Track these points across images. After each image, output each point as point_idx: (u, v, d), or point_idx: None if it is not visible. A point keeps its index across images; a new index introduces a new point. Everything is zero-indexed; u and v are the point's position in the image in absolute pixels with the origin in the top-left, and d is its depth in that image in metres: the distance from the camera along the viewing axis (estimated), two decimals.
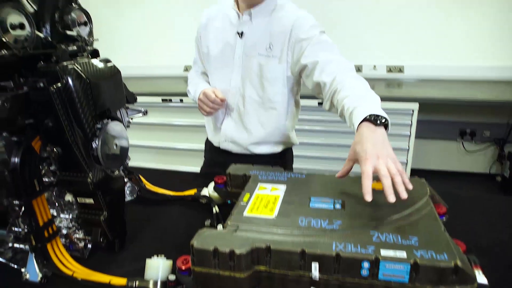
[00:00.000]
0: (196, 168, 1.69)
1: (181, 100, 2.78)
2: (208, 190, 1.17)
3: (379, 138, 0.88)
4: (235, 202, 0.89)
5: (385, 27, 3.12)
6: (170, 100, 2.84)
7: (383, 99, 2.52)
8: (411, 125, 2.57)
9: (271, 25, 1.31)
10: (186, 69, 3.58)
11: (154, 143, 3.06)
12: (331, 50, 1.23)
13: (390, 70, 3.16)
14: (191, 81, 1.55)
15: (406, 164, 2.66)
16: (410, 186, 0.80)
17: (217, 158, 1.54)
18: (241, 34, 1.34)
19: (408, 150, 2.63)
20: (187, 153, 2.90)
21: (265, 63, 1.32)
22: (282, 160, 1.50)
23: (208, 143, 1.61)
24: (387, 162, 0.81)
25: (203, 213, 1.12)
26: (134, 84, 3.53)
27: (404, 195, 0.77)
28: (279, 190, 0.92)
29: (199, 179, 1.37)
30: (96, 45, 0.99)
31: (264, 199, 0.87)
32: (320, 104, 2.57)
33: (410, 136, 2.60)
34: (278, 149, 1.47)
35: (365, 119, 0.91)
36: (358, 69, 3.21)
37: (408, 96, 2.54)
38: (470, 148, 3.29)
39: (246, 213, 0.81)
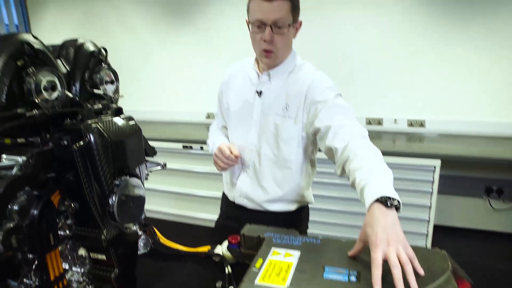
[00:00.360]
0: (213, 216, 1.68)
1: (202, 148, 2.82)
2: (222, 249, 1.15)
3: (390, 222, 0.86)
4: (248, 264, 0.87)
5: (407, 81, 3.15)
6: (191, 147, 2.89)
7: (404, 154, 2.50)
8: (433, 181, 2.51)
9: (288, 86, 1.34)
10: (208, 116, 3.68)
11: (172, 188, 3.08)
12: (345, 114, 1.22)
13: (411, 124, 3.14)
14: (211, 135, 1.59)
15: (428, 221, 2.56)
16: (421, 272, 0.76)
17: (232, 212, 1.53)
18: (259, 93, 1.38)
19: (430, 207, 2.54)
20: (205, 200, 2.90)
21: (281, 123, 1.34)
22: (297, 218, 1.47)
23: (224, 195, 1.61)
24: (397, 249, 0.79)
25: (215, 272, 1.09)
26: (156, 128, 3.64)
27: (414, 286, 0.73)
28: (293, 257, 0.89)
29: (213, 235, 1.35)
30: (122, 90, 1.02)
31: (277, 266, 0.84)
32: None
33: (432, 193, 2.53)
34: (293, 207, 1.45)
35: (378, 200, 0.90)
36: (379, 122, 3.22)
37: (430, 152, 2.49)
38: (497, 206, 3.15)
39: (258, 281, 0.78)
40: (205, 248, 1.20)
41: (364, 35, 3.19)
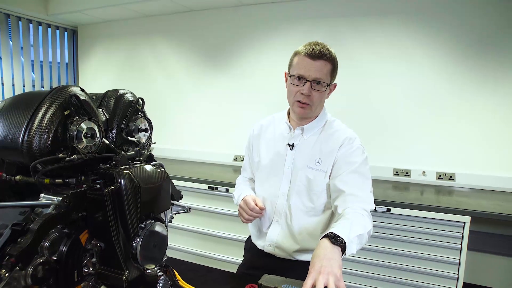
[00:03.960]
0: (235, 259, 1.68)
1: (227, 190, 2.86)
2: None
3: (329, 255, 0.97)
4: None
5: (436, 133, 3.12)
6: (217, 189, 2.93)
7: (432, 208, 2.43)
8: (462, 237, 2.40)
9: (321, 141, 1.42)
10: (236, 158, 3.75)
11: (196, 227, 3.10)
12: (362, 185, 1.33)
13: (440, 177, 3.07)
14: (238, 186, 1.65)
15: (458, 279, 2.42)
16: None
17: (257, 261, 1.53)
18: (292, 146, 1.43)
19: (459, 264, 2.42)
20: (228, 241, 2.89)
21: (313, 177, 1.39)
22: None
23: (249, 242, 1.62)
24: (327, 279, 0.89)
25: None
26: (183, 167, 3.71)
27: None
28: None
29: (233, 281, 1.35)
30: (155, 128, 1.09)
31: None
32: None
33: (461, 249, 2.41)
34: None
35: (326, 235, 1.03)
36: (407, 173, 3.16)
37: (460, 208, 2.41)
38: None
39: None
40: None
41: (394, 87, 3.23)
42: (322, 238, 1.03)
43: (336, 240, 1.01)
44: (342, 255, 1.02)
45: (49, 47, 4.43)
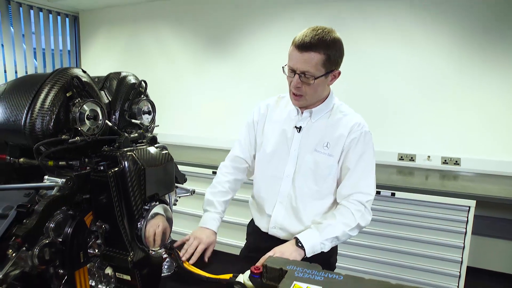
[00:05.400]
0: (238, 243, 1.69)
1: None
2: (244, 278, 1.16)
3: (288, 252, 1.25)
4: None
5: (442, 118, 3.09)
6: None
7: (437, 192, 2.42)
8: (467, 222, 2.40)
9: (330, 125, 1.41)
10: None
11: (200, 212, 3.10)
12: (365, 174, 1.38)
13: (445, 161, 3.05)
14: (213, 189, 1.59)
15: (462, 262, 2.43)
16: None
17: (260, 243, 1.53)
18: (299, 129, 1.42)
19: (463, 248, 2.43)
20: (231, 226, 2.91)
21: (321, 160, 1.39)
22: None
23: (251, 225, 1.62)
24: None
25: None
26: (187, 153, 3.71)
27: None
28: None
29: (237, 263, 1.37)
30: (158, 113, 1.09)
31: None
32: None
33: (466, 233, 2.41)
34: None
35: (296, 237, 1.30)
36: (412, 158, 3.15)
37: (465, 192, 2.40)
38: None
39: None
40: (227, 276, 1.21)
41: (399, 71, 3.19)
42: (293, 238, 1.31)
43: (301, 245, 1.27)
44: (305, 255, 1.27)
45: (50, 34, 4.40)
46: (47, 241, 0.78)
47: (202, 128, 4.03)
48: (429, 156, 3.10)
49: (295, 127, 1.44)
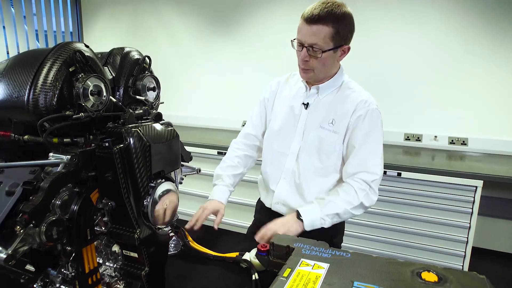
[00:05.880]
0: (245, 223, 1.70)
1: None
2: (250, 256, 1.16)
3: (289, 224, 1.30)
4: (275, 272, 0.87)
5: (449, 97, 3.05)
6: (226, 154, 2.93)
7: (444, 172, 2.40)
8: (473, 202, 2.39)
9: (336, 102, 1.39)
10: (244, 124, 3.71)
11: (206, 192, 3.12)
12: (371, 152, 1.36)
13: (452, 141, 3.02)
14: (223, 164, 1.61)
15: (467, 243, 2.44)
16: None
17: (267, 219, 1.54)
18: (306, 105, 1.41)
19: (469, 228, 2.42)
20: (238, 206, 2.92)
21: (325, 137, 1.38)
22: (332, 229, 1.46)
23: (259, 203, 1.63)
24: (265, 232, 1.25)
25: (242, 278, 1.11)
26: (192, 133, 3.71)
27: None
28: (322, 269, 0.88)
29: (243, 242, 1.37)
30: (162, 95, 1.07)
31: (305, 277, 0.84)
32: None
33: (472, 213, 2.41)
34: None
35: (297, 211, 1.32)
36: (418, 138, 3.12)
37: (472, 172, 2.38)
38: None
39: None
40: (233, 254, 1.22)
41: (406, 50, 3.12)
42: (295, 211, 1.33)
43: (299, 216, 1.30)
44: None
45: (52, 15, 4.34)
46: (53, 218, 0.77)
47: (206, 108, 4.00)
48: (435, 136, 3.07)
49: (303, 103, 1.42)
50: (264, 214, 1.56)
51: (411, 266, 0.87)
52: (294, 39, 1.32)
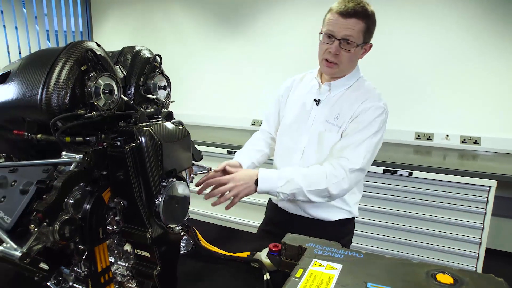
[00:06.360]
0: (255, 223, 1.70)
1: None
2: (262, 256, 1.15)
3: (245, 185, 1.27)
4: (287, 272, 0.86)
5: (461, 96, 3.00)
6: (235, 153, 2.92)
7: (456, 172, 2.37)
8: (487, 202, 2.35)
9: (345, 98, 1.38)
10: (254, 123, 3.71)
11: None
12: (357, 146, 1.30)
13: (464, 141, 2.98)
14: (248, 144, 1.64)
15: (480, 244, 2.40)
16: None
17: (275, 218, 1.56)
18: (318, 102, 1.40)
19: (482, 229, 2.39)
20: (248, 206, 2.92)
21: (325, 131, 1.37)
22: (340, 230, 1.45)
23: (270, 201, 1.63)
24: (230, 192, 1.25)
25: (253, 278, 1.10)
26: (202, 132, 3.72)
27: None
28: (335, 270, 0.87)
29: (254, 241, 1.36)
30: (171, 94, 1.07)
31: (318, 278, 0.83)
32: (387, 172, 2.48)
33: (485, 214, 2.37)
34: (335, 216, 1.44)
35: (258, 174, 1.28)
36: (429, 137, 3.08)
37: (485, 171, 2.34)
38: None
39: None
40: (244, 254, 1.21)
41: (416, 47, 3.09)
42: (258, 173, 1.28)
43: (257, 181, 1.27)
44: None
45: (62, 15, 4.38)
46: (66, 217, 0.77)
47: (216, 107, 4.01)
48: (447, 135, 3.03)
49: (314, 100, 1.42)
50: (274, 212, 1.56)
51: (425, 268, 0.85)
52: (321, 32, 1.32)
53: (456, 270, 0.83)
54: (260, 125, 1.77)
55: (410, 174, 2.45)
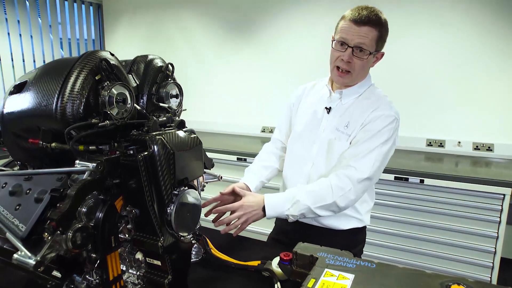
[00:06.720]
0: (266, 230, 1.70)
1: None
2: (272, 265, 1.14)
3: (254, 211, 1.29)
4: (298, 281, 0.86)
5: (473, 102, 2.97)
6: (245, 160, 2.93)
7: (469, 179, 2.33)
8: (501, 210, 2.31)
9: (355, 106, 1.37)
10: (263, 130, 3.71)
11: None
12: (364, 155, 1.29)
13: (477, 147, 2.94)
14: (257, 160, 1.64)
15: (495, 253, 2.35)
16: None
17: (285, 226, 1.54)
18: (328, 110, 1.40)
19: (497, 238, 2.34)
20: None
21: (335, 139, 1.37)
22: (351, 239, 1.43)
23: None
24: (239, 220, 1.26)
25: (264, 287, 1.09)
26: (212, 139, 3.73)
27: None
28: (347, 280, 0.86)
29: (265, 249, 1.36)
30: (183, 102, 1.08)
31: None
32: (398, 179, 2.45)
33: (500, 223, 2.32)
34: (347, 225, 1.42)
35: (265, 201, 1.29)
36: (441, 144, 3.04)
37: (499, 179, 2.30)
38: None
39: None
40: (255, 263, 1.21)
41: (427, 52, 3.07)
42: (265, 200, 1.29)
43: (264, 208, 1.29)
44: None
45: (75, 23, 4.46)
46: (79, 225, 0.78)
47: (226, 114, 4.02)
48: (459, 142, 2.99)
49: (325, 108, 1.42)
50: (285, 220, 1.54)
51: (439, 278, 0.84)
52: (334, 40, 1.32)
53: (472, 281, 0.81)
54: (270, 131, 1.77)
55: (422, 181, 2.42)
